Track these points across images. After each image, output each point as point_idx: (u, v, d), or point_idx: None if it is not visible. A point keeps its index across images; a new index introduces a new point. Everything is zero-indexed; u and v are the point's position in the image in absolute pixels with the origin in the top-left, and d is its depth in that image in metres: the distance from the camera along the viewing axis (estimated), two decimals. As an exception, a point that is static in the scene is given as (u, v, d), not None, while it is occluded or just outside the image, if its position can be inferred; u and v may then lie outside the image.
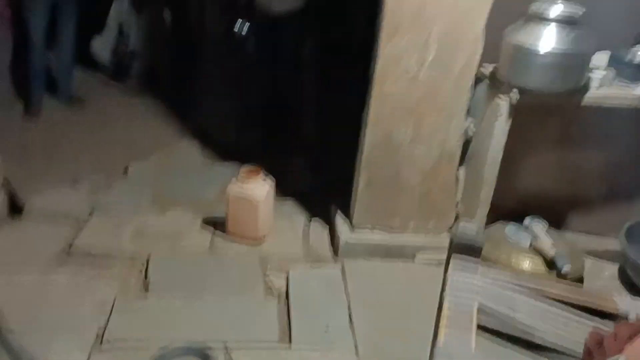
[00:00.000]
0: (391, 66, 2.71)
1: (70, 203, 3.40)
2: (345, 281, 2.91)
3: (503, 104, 2.66)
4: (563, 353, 1.59)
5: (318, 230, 3.36)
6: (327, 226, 3.38)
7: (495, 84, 2.74)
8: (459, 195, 3.10)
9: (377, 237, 3.11)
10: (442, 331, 1.59)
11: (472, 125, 2.92)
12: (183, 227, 3.30)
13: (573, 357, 1.54)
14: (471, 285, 1.74)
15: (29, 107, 4.55)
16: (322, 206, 3.43)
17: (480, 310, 1.64)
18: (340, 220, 3.19)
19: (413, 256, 3.11)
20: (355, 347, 2.51)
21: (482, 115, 2.85)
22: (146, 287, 2.79)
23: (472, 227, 1.88)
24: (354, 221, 3.12)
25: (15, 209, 3.31)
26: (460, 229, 1.85)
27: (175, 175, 3.92)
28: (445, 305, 1.67)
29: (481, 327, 1.60)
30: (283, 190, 3.41)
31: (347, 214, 3.20)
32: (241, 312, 2.66)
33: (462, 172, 3.06)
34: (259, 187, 3.08)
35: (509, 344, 1.61)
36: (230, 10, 5.16)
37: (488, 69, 2.83)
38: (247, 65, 5.01)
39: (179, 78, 5.56)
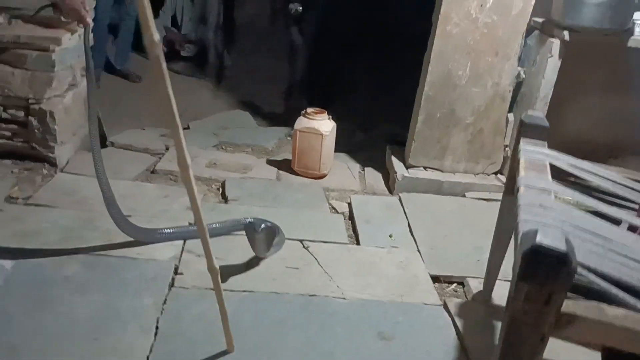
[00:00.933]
0: (454, 8, 3.03)
1: (146, 142, 3.70)
2: (403, 206, 3.17)
3: (555, 43, 2.97)
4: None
5: (372, 175, 3.64)
6: (380, 173, 3.65)
7: (546, 29, 3.05)
8: (508, 139, 3.37)
9: (430, 175, 3.38)
10: (521, 172, 1.85)
11: (522, 72, 3.22)
12: (250, 163, 3.60)
13: None
14: (542, 152, 1.99)
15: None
16: (373, 160, 3.73)
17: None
18: (395, 161, 3.47)
19: (463, 195, 3.36)
20: (417, 248, 2.76)
21: (532, 61, 3.16)
22: (225, 199, 3.07)
23: (539, 113, 2.16)
24: (409, 161, 3.40)
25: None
26: (529, 113, 2.14)
27: (234, 130, 4.24)
28: (522, 159, 1.93)
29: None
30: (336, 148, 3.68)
31: (402, 158, 3.48)
32: (312, 220, 2.93)
33: (512, 117, 3.35)
34: (325, 122, 3.38)
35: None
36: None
37: (539, 20, 3.15)
38: (296, 43, 5.42)
39: (229, 58, 5.93)
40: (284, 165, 3.59)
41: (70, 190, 2.88)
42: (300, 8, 5.42)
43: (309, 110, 3.40)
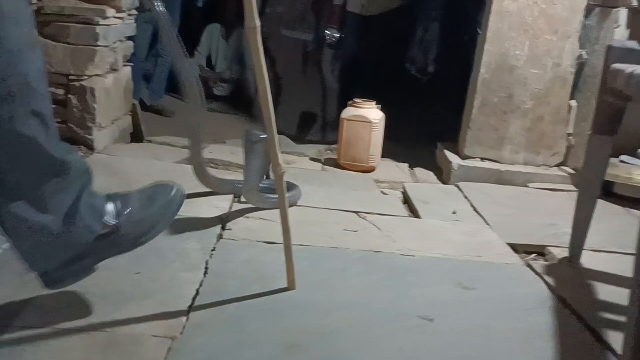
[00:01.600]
0: (510, -17, 2.92)
1: (184, 143, 3.55)
2: (462, 191, 2.92)
3: (620, 12, 2.81)
4: None
5: (422, 172, 3.42)
6: (430, 171, 3.43)
7: (609, 1, 2.91)
8: (571, 128, 3.16)
9: (487, 165, 3.15)
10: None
11: (584, 53, 3.05)
12: (292, 159, 3.42)
13: None
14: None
15: None
16: (421, 160, 3.53)
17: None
18: (448, 154, 3.25)
19: (525, 185, 3.11)
20: (485, 221, 2.50)
21: (595, 38, 2.99)
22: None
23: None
24: (464, 152, 3.19)
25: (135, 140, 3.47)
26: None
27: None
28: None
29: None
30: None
31: (455, 150, 3.27)
32: (365, 198, 2.70)
33: (574, 103, 3.15)
34: (373, 111, 3.21)
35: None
36: (320, 22, 5.61)
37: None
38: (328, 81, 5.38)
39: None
40: (329, 162, 3.40)
41: (107, 165, 2.71)
42: (338, 35, 5.41)
43: (356, 99, 3.23)
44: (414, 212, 2.61)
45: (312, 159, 3.48)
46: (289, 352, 1.37)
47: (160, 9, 1.98)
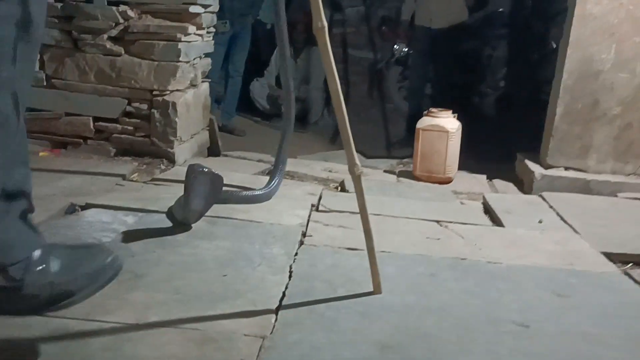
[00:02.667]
0: (594, -14, 2.82)
1: (260, 156, 3.60)
2: (547, 202, 2.81)
3: None
4: None
5: (501, 184, 3.32)
6: (509, 183, 3.33)
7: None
8: (663, 134, 2.99)
9: (572, 175, 3.02)
10: None
11: (676, 55, 2.90)
12: (366, 171, 3.39)
13: None
14: None
15: None
16: (500, 171, 3.43)
17: None
18: (530, 164, 3.15)
19: (613, 195, 2.96)
20: (575, 230, 2.38)
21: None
22: (346, 191, 2.85)
23: None
24: (546, 161, 3.07)
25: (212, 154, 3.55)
26: None
27: (343, 159, 4.06)
28: None
29: None
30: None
31: (537, 160, 3.16)
32: (445, 208, 2.64)
33: (665, 108, 2.99)
34: (450, 120, 3.15)
35: None
36: (387, 38, 5.62)
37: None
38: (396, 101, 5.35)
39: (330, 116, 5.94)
40: (403, 174, 3.36)
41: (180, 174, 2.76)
42: (406, 50, 5.40)
43: (433, 109, 3.18)
44: (496, 222, 2.53)
45: (386, 171, 3.46)
46: (385, 352, 1.34)
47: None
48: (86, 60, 2.95)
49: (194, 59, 3.10)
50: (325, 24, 1.48)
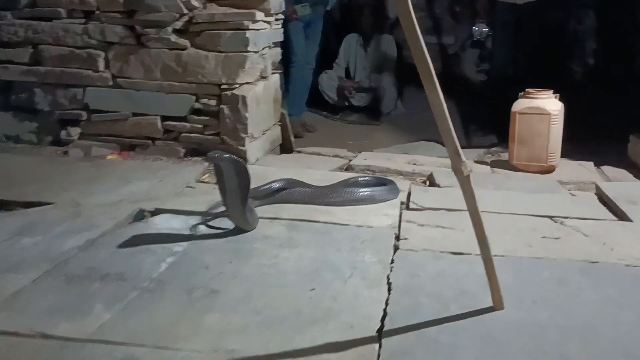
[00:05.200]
0: None
1: (335, 152, 3.34)
2: (678, 189, 2.39)
3: None
4: None
5: (613, 171, 2.91)
6: (623, 170, 2.91)
7: None
8: None
9: None
10: None
11: None
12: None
13: None
14: None
15: None
16: (608, 157, 3.03)
17: None
18: (649, 147, 2.71)
19: None
20: None
21: None
22: (437, 186, 2.54)
23: None
24: (669, 141, 2.63)
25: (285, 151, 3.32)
26: None
27: (422, 151, 3.75)
28: None
29: None
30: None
31: (655, 141, 2.73)
32: (554, 201, 2.30)
33: None
34: (551, 101, 2.77)
35: None
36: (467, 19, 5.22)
37: None
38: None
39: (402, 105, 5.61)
40: (497, 164, 3.01)
41: (264, 177, 2.53)
42: (486, 30, 4.98)
43: (530, 89, 2.81)
44: (620, 216, 2.14)
45: (477, 162, 3.11)
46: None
47: None
48: (151, 56, 2.78)
49: (262, 49, 2.87)
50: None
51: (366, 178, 2.43)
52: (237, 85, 2.74)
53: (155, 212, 2.00)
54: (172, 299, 1.39)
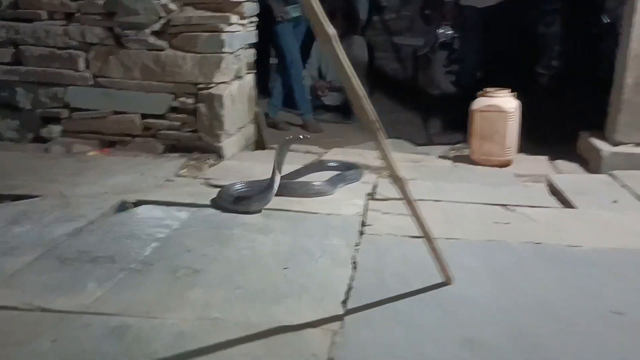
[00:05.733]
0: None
1: (308, 147, 3.49)
2: (620, 181, 2.61)
3: None
4: None
5: (565, 164, 3.12)
6: (574, 163, 3.12)
7: None
8: None
9: (646, 151, 2.80)
10: None
11: None
12: (420, 158, 3.26)
13: None
14: None
15: None
16: (560, 152, 3.24)
17: None
18: (596, 142, 2.94)
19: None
20: (659, 210, 2.19)
21: None
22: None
23: None
24: (614, 137, 2.86)
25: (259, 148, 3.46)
26: None
27: (395, 148, 3.92)
28: None
29: None
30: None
31: (602, 137, 2.96)
32: (510, 192, 2.48)
33: None
34: (508, 100, 2.97)
35: None
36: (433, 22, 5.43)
37: None
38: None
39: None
40: (459, 159, 3.19)
41: (237, 170, 2.69)
42: (451, 32, 5.19)
43: (488, 88, 3.01)
44: (566, 204, 2.35)
45: (441, 157, 3.30)
46: (476, 351, 1.21)
47: None
48: (130, 56, 2.90)
49: (237, 50, 3.01)
50: (333, 30, 1.26)
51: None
52: (213, 85, 2.88)
53: (138, 204, 2.13)
54: (159, 278, 1.54)
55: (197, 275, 1.55)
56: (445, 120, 5.05)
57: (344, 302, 1.41)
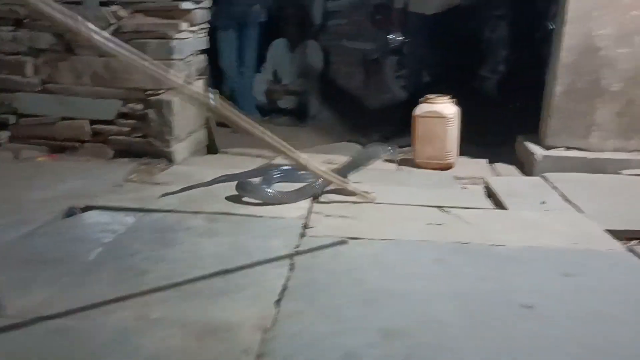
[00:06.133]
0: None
1: (259, 151, 3.56)
2: (550, 183, 2.78)
3: None
4: None
5: (503, 167, 3.29)
6: (511, 166, 3.30)
7: None
8: (666, 109, 2.95)
9: (573, 154, 2.98)
10: None
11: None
12: (368, 162, 3.36)
13: None
14: None
15: None
16: (500, 155, 3.41)
17: None
18: (530, 146, 3.11)
19: (617, 173, 2.93)
20: (578, 209, 2.35)
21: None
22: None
23: None
24: (546, 142, 3.04)
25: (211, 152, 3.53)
26: None
27: (342, 151, 4.03)
28: None
29: None
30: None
31: (537, 141, 3.13)
32: (447, 194, 2.61)
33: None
34: (447, 106, 3.12)
35: None
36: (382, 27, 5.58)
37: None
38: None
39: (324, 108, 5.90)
40: (404, 162, 3.32)
41: (187, 174, 2.76)
42: (401, 38, 5.34)
43: (429, 95, 3.15)
44: (499, 205, 2.50)
45: (386, 160, 3.41)
46: (390, 339, 1.32)
47: None
48: (80, 62, 2.93)
49: (187, 57, 3.07)
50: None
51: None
52: (162, 91, 2.94)
53: (87, 209, 2.18)
54: (105, 279, 1.60)
55: (142, 275, 1.62)
56: (395, 123, 5.19)
57: (278, 301, 1.50)
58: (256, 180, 2.55)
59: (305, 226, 2.11)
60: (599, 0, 2.80)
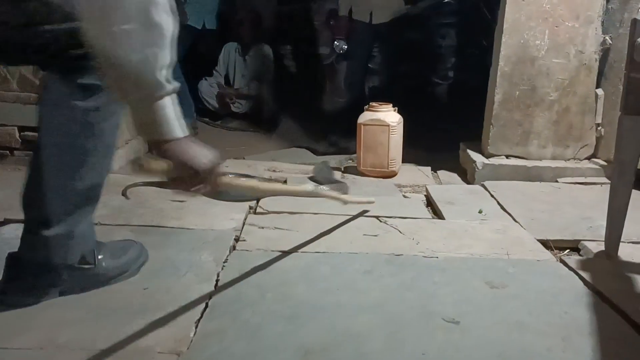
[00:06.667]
0: (525, -29, 2.81)
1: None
2: (489, 190, 2.80)
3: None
4: None
5: (446, 175, 3.31)
6: (454, 173, 3.32)
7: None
8: (599, 118, 3.01)
9: (513, 163, 3.02)
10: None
11: (608, 38, 2.92)
12: (311, 169, 3.33)
13: None
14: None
15: None
16: (444, 162, 3.43)
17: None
18: (472, 154, 3.14)
19: (554, 181, 2.97)
20: (514, 219, 2.37)
21: (619, 22, 2.86)
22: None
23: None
24: (488, 150, 3.07)
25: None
26: None
27: (291, 158, 4.02)
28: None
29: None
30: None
31: (479, 149, 3.16)
32: (386, 203, 2.59)
33: (601, 91, 3.01)
34: (391, 114, 3.11)
35: None
36: (329, 35, 5.57)
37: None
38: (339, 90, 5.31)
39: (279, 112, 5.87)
40: (349, 170, 3.31)
41: (119, 183, 2.66)
42: (346, 46, 5.34)
43: (373, 103, 3.14)
44: (437, 214, 2.50)
45: (333, 168, 3.40)
46: (309, 357, 1.28)
47: None
48: (8, 67, 2.80)
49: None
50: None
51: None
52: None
53: (5, 222, 2.07)
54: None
55: (56, 297, 1.54)
56: (346, 129, 5.18)
57: (198, 321, 1.45)
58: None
59: (237, 239, 2.06)
60: (535, 11, 2.83)
